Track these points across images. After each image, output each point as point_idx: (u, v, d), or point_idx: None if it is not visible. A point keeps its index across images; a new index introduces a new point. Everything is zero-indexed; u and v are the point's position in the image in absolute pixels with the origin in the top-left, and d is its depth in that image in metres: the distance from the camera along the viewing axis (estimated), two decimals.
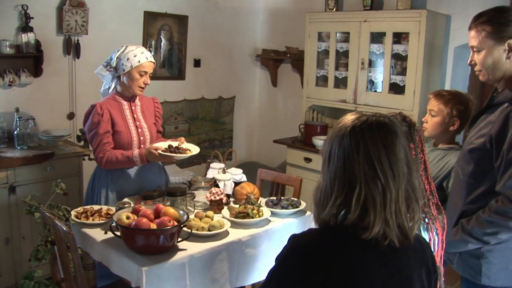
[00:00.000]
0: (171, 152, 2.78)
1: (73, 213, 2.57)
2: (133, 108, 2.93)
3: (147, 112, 3.02)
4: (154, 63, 2.89)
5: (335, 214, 1.26)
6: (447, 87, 3.92)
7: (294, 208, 2.84)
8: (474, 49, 1.99)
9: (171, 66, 4.77)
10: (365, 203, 1.21)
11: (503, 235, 1.87)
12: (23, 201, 2.48)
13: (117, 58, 2.82)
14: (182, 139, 3.02)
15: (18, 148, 3.50)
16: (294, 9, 5.00)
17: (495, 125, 1.88)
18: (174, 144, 2.92)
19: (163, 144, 2.91)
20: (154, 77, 4.60)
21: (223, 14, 5.08)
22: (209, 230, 2.43)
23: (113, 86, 2.91)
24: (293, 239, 1.28)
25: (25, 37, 3.63)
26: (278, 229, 2.69)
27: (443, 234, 1.62)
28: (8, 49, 3.56)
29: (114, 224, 2.26)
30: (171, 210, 2.34)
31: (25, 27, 3.64)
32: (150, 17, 4.47)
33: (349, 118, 1.28)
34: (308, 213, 2.91)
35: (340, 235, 1.26)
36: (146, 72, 2.82)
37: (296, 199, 2.97)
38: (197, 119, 5.12)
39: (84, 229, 2.49)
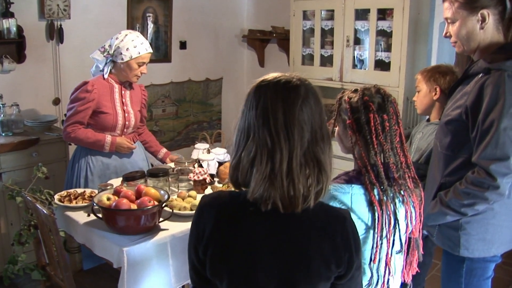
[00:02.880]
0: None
1: (56, 196, 2.57)
2: (123, 92, 2.95)
3: (135, 98, 3.04)
4: (152, 53, 2.91)
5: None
6: (433, 62, 3.90)
7: None
8: (448, 21, 1.98)
9: (157, 49, 4.73)
10: (254, 158, 1.20)
11: (480, 206, 1.87)
12: (5, 186, 2.47)
13: (116, 46, 2.81)
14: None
15: (3, 134, 3.48)
16: None
17: (470, 96, 1.88)
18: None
19: None
20: None
21: None
22: (191, 210, 2.43)
23: (107, 71, 2.90)
24: (203, 197, 1.34)
25: (6, 23, 3.58)
26: None
27: (421, 207, 1.63)
28: None
29: (95, 206, 2.26)
30: (152, 191, 2.34)
31: (6, 13, 3.59)
32: (134, 0, 4.42)
33: (266, 76, 1.27)
34: None
35: (232, 195, 1.29)
36: (144, 63, 2.84)
37: None
38: (185, 102, 5.10)
39: (67, 212, 2.49)
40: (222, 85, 5.41)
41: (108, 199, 2.26)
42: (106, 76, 2.88)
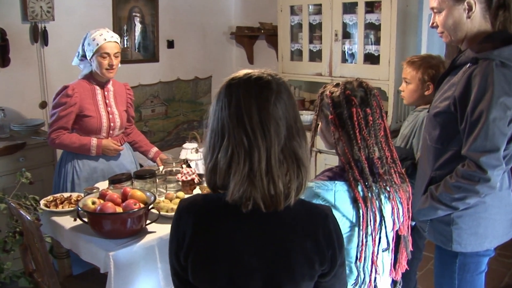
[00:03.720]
0: None
1: (42, 202, 2.52)
2: (105, 93, 2.90)
3: (119, 98, 2.98)
4: (116, 42, 2.82)
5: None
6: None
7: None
8: (435, 10, 1.94)
9: (145, 49, 4.69)
10: (231, 159, 1.17)
11: (471, 200, 1.84)
12: None
13: (83, 46, 2.79)
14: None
15: None
16: None
17: (458, 86, 1.84)
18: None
19: None
20: (128, 60, 4.55)
21: None
22: None
23: (86, 72, 2.86)
24: (181, 201, 1.30)
25: None
26: None
27: (409, 203, 1.59)
28: None
29: (80, 210, 2.21)
30: (138, 193, 2.30)
31: None
32: (119, 0, 4.36)
33: (236, 74, 1.24)
34: None
35: (208, 198, 1.25)
36: (108, 54, 2.76)
37: None
38: (174, 101, 5.06)
39: (53, 217, 2.45)
40: (211, 84, 5.37)
41: (93, 203, 2.22)
42: (80, 77, 2.84)
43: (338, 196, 1.46)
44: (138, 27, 4.58)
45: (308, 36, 4.19)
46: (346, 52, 3.99)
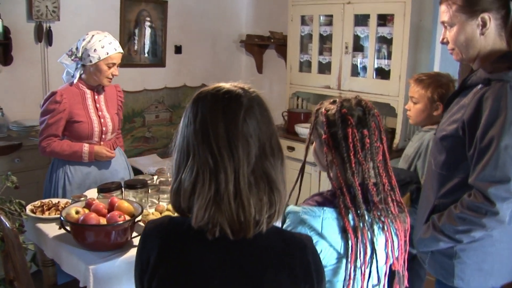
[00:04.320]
0: None
1: (29, 207, 2.43)
2: (96, 97, 2.79)
3: (110, 101, 2.88)
4: (122, 53, 2.74)
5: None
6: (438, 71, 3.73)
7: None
8: (445, 25, 1.81)
9: (151, 53, 4.61)
10: (196, 180, 1.06)
11: (477, 233, 1.68)
12: None
13: (83, 47, 2.66)
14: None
15: None
16: None
17: (468, 109, 1.70)
18: None
19: None
20: (133, 64, 4.47)
21: None
22: None
23: (77, 76, 2.75)
24: (147, 223, 1.19)
25: None
26: None
27: (406, 235, 1.46)
28: None
29: (62, 219, 2.11)
30: (125, 204, 2.19)
31: None
32: (128, 3, 4.30)
33: (206, 87, 1.15)
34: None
35: (174, 221, 1.15)
36: (114, 64, 2.68)
37: None
38: (180, 108, 4.96)
39: (38, 224, 2.35)
40: None
41: (77, 212, 2.12)
42: (75, 81, 2.72)
43: (326, 224, 1.34)
44: (145, 31, 4.50)
45: (318, 47, 4.08)
46: (356, 66, 3.87)
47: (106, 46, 2.63)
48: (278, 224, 1.45)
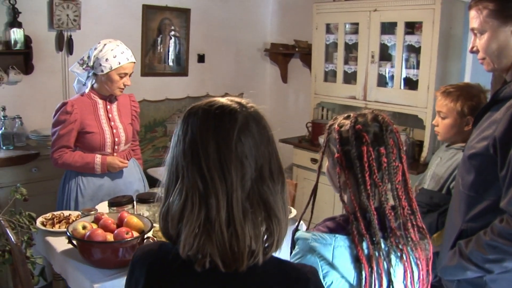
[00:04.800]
0: None
1: (40, 219, 2.37)
2: (108, 107, 2.72)
3: (123, 111, 2.80)
4: (135, 62, 2.67)
5: None
6: (467, 81, 3.54)
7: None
8: (475, 32, 1.66)
9: (173, 62, 4.55)
10: (184, 206, 0.95)
11: (510, 264, 1.52)
12: None
13: (94, 57, 2.60)
14: None
15: (4, 148, 3.35)
16: (305, 0, 4.68)
17: (500, 125, 1.55)
18: None
19: None
20: (155, 73, 4.42)
21: (229, 6, 4.81)
22: None
23: (89, 86, 2.69)
24: (138, 249, 1.10)
25: (14, 33, 3.46)
26: None
27: (429, 265, 1.31)
28: None
29: (68, 234, 2.04)
30: (135, 220, 2.10)
31: (13, 23, 3.48)
32: (149, 11, 4.25)
33: (199, 102, 1.04)
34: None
35: (162, 249, 1.04)
36: (126, 74, 2.61)
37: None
38: None
39: (48, 237, 2.29)
40: None
41: (84, 227, 2.04)
42: (87, 91, 2.66)
43: (337, 253, 1.21)
44: (168, 39, 4.45)
45: (343, 56, 3.95)
46: (382, 75, 3.71)
47: (118, 55, 2.56)
48: (286, 252, 1.33)
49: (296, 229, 1.35)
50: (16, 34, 3.46)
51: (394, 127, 1.31)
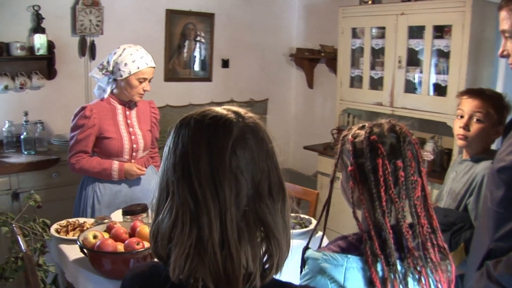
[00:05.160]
0: None
1: (55, 226, 2.34)
2: (127, 113, 2.67)
3: (143, 117, 2.75)
4: (154, 67, 2.62)
5: None
6: (499, 88, 3.38)
7: (302, 228, 2.46)
8: (506, 34, 1.53)
9: (197, 67, 4.51)
10: (174, 225, 0.87)
11: None
12: None
13: (114, 61, 2.56)
14: None
15: (25, 153, 3.35)
16: (331, 4, 4.57)
17: None
18: None
19: None
20: (178, 78, 4.39)
21: (254, 10, 4.75)
22: None
23: (108, 91, 2.65)
24: (129, 270, 1.03)
25: (37, 39, 3.48)
26: None
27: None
28: (19, 51, 3.42)
29: (78, 243, 1.99)
30: (147, 230, 2.04)
31: (37, 28, 3.49)
32: (173, 16, 4.23)
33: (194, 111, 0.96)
34: (319, 233, 2.52)
35: (152, 271, 0.97)
36: (145, 79, 2.56)
37: (307, 217, 2.59)
38: None
39: (61, 245, 2.25)
40: (267, 107, 5.09)
41: (95, 237, 1.99)
42: (106, 96, 2.62)
43: (349, 275, 1.11)
44: (191, 44, 4.41)
45: (369, 61, 3.83)
46: (410, 81, 3.58)
47: (137, 60, 2.52)
48: (296, 271, 1.25)
49: (307, 247, 1.26)
50: (40, 40, 3.47)
51: (413, 138, 1.21)
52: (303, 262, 1.24)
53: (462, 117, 2.08)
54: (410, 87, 3.59)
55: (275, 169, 0.91)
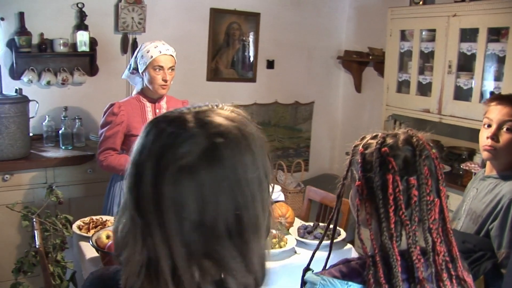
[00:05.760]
0: None
1: (78, 222, 2.33)
2: (157, 111, 2.64)
3: None
4: (172, 56, 2.57)
5: None
6: None
7: (330, 239, 2.31)
8: None
9: (240, 67, 4.43)
10: (126, 239, 0.76)
11: None
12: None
13: (134, 58, 2.58)
14: None
15: (63, 147, 3.38)
16: (381, 4, 4.37)
17: None
18: None
19: None
20: (221, 78, 4.32)
21: (302, 11, 4.61)
22: None
23: (139, 88, 2.65)
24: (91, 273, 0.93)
25: (80, 36, 3.51)
26: (303, 264, 2.19)
27: None
28: (61, 47, 3.46)
29: (90, 243, 1.95)
30: None
31: (80, 25, 3.53)
32: (217, 15, 4.16)
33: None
34: (348, 246, 2.38)
35: (119, 277, 0.81)
36: (162, 67, 2.52)
37: (338, 229, 2.44)
38: (270, 125, 4.71)
39: (81, 242, 2.24)
40: (313, 110, 4.94)
41: (108, 237, 1.95)
42: (134, 93, 2.61)
43: None
44: (235, 44, 4.34)
45: (417, 65, 3.61)
46: (460, 87, 3.34)
47: (151, 50, 2.50)
48: None
49: (307, 268, 1.14)
50: (82, 37, 3.50)
51: (433, 152, 1.06)
52: (303, 283, 1.12)
53: (489, 126, 1.86)
54: (460, 94, 3.35)
55: (248, 203, 0.75)
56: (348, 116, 5.00)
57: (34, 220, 2.14)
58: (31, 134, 3.30)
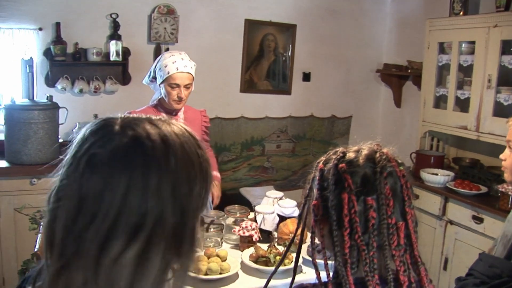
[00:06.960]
0: None
1: None
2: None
3: (192, 126, 2.63)
4: (189, 73, 2.52)
5: None
6: None
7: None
8: None
9: (275, 79, 4.37)
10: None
11: None
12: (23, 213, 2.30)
13: (154, 67, 2.56)
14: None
15: None
16: (422, 16, 4.18)
17: None
18: None
19: None
20: (256, 90, 4.27)
21: (340, 22, 4.50)
22: (206, 274, 1.96)
23: (157, 97, 2.64)
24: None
25: (113, 45, 3.57)
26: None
27: None
28: (95, 56, 3.54)
29: None
30: None
31: (113, 35, 3.59)
32: (252, 26, 4.13)
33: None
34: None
35: None
36: (178, 85, 2.48)
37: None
38: (304, 139, 4.61)
39: None
40: (350, 125, 4.80)
41: None
42: (151, 102, 2.60)
43: None
44: (270, 56, 4.29)
45: (456, 79, 3.42)
46: (500, 103, 3.12)
47: (169, 65, 2.46)
48: None
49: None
50: (115, 46, 3.56)
51: (400, 169, 0.95)
52: None
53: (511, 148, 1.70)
54: (500, 110, 3.13)
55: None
56: (387, 132, 4.82)
57: (41, 223, 2.16)
58: (60, 140, 3.37)
